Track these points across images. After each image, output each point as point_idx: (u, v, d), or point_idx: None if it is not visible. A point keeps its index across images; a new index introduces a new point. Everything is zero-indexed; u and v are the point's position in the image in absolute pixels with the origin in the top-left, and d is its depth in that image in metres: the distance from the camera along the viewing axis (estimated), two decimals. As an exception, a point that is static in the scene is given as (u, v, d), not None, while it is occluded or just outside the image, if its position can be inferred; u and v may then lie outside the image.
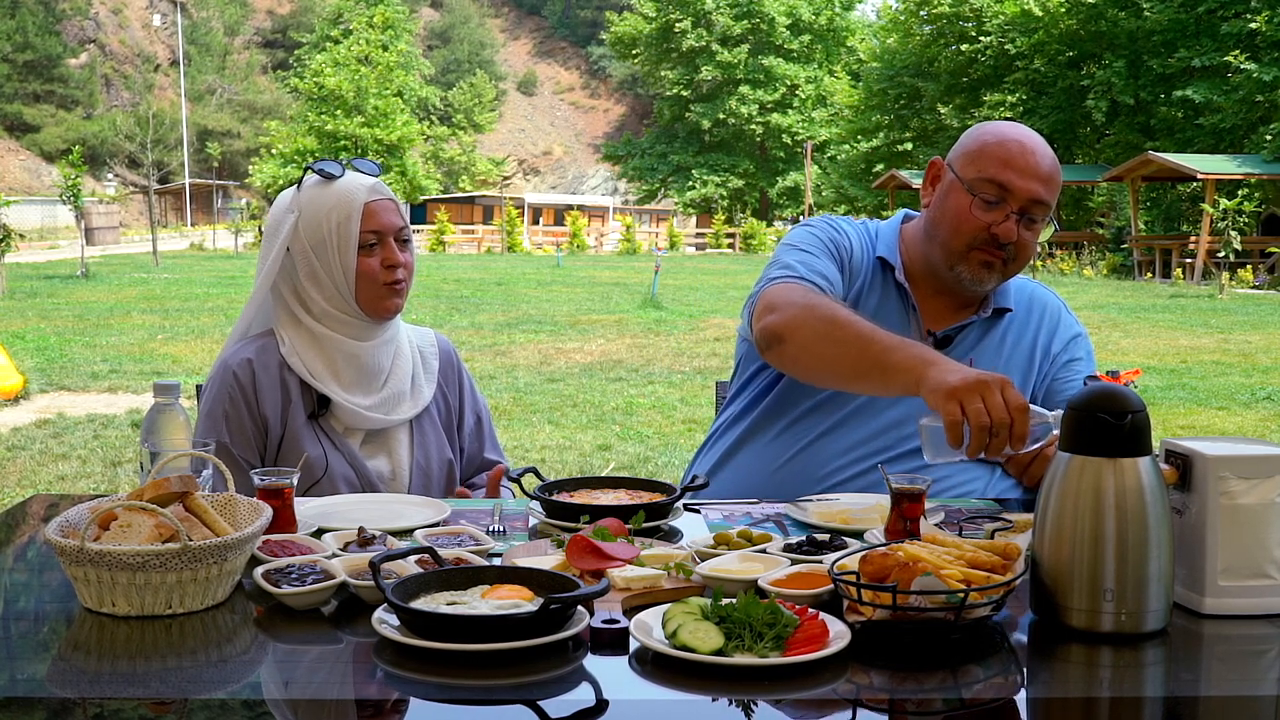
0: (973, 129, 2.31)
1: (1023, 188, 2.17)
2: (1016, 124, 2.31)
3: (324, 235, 2.25)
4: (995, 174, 2.17)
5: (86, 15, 68.08)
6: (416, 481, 2.35)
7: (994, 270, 2.23)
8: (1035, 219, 2.20)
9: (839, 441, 2.27)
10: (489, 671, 1.27)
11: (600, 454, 7.23)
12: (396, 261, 2.27)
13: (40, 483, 6.31)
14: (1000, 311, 2.34)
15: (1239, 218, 22.41)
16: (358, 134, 51.19)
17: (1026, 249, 2.22)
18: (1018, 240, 2.19)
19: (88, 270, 22.45)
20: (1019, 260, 2.24)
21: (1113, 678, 1.37)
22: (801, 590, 1.46)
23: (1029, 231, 2.21)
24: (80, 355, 11.31)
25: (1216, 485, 1.48)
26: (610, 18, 64.21)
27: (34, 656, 1.39)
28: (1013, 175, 2.17)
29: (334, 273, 2.26)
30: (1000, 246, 2.19)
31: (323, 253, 2.25)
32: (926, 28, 41.70)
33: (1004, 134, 2.23)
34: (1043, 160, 2.20)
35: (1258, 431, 8.24)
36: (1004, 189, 2.17)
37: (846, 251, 2.34)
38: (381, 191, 2.30)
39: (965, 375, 1.78)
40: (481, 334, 13.77)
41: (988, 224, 2.18)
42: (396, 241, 2.29)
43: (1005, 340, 2.34)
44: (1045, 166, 2.20)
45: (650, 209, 58.43)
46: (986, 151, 2.20)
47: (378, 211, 2.27)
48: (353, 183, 2.28)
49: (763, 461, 2.31)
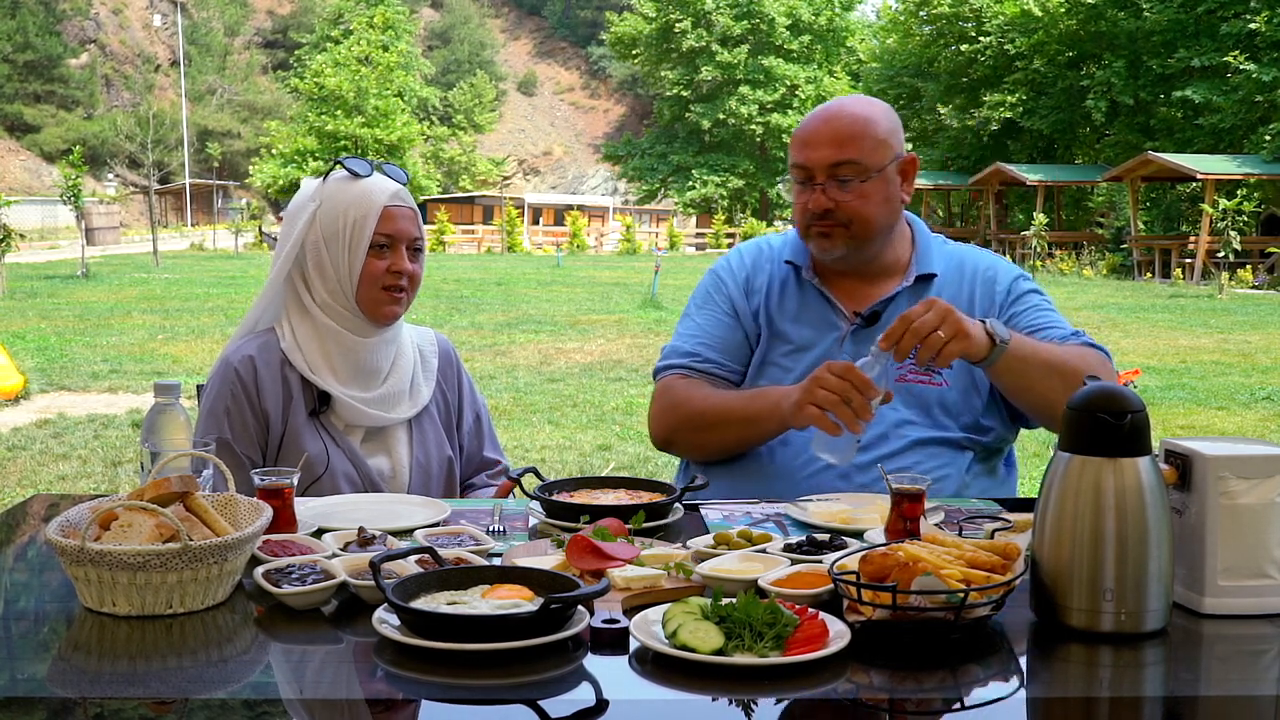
0: None
1: (816, 159, 2.27)
2: (841, 98, 2.43)
3: (338, 229, 2.26)
4: (795, 158, 2.32)
5: (86, 15, 68.08)
6: (416, 479, 2.36)
7: (833, 239, 2.32)
8: (847, 178, 2.27)
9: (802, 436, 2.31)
10: (489, 671, 1.27)
11: (600, 454, 7.24)
12: (403, 269, 2.28)
13: (40, 483, 6.32)
14: (926, 278, 2.38)
15: (1239, 218, 22.40)
16: (358, 134, 51.15)
17: (853, 207, 2.28)
18: (837, 204, 2.27)
19: (88, 270, 22.46)
20: (857, 221, 2.29)
21: (1113, 678, 1.37)
22: (801, 590, 1.46)
23: (847, 192, 2.27)
24: (80, 355, 11.31)
25: (1216, 485, 1.48)
26: (610, 18, 64.15)
27: (34, 656, 1.39)
28: (807, 152, 2.29)
29: (340, 268, 2.27)
30: (821, 217, 2.29)
31: (334, 246, 2.26)
32: (926, 28, 41.72)
33: (810, 115, 2.36)
34: (836, 123, 2.28)
35: (1258, 431, 8.24)
36: (804, 168, 2.30)
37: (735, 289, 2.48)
38: (403, 199, 2.31)
39: (799, 385, 2.08)
40: (481, 334, 13.77)
41: (805, 203, 2.31)
42: (408, 250, 2.30)
43: None
44: (839, 128, 2.27)
45: (650, 209, 58.41)
46: (793, 140, 2.35)
47: (395, 217, 2.28)
48: (377, 184, 2.29)
49: (754, 459, 2.33)
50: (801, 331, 2.40)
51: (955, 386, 2.32)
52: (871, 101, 2.35)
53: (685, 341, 2.45)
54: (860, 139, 2.26)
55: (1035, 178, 32.12)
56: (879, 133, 2.28)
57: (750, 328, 2.44)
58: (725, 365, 2.41)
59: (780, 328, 2.42)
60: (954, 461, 2.30)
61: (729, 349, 2.42)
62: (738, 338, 2.43)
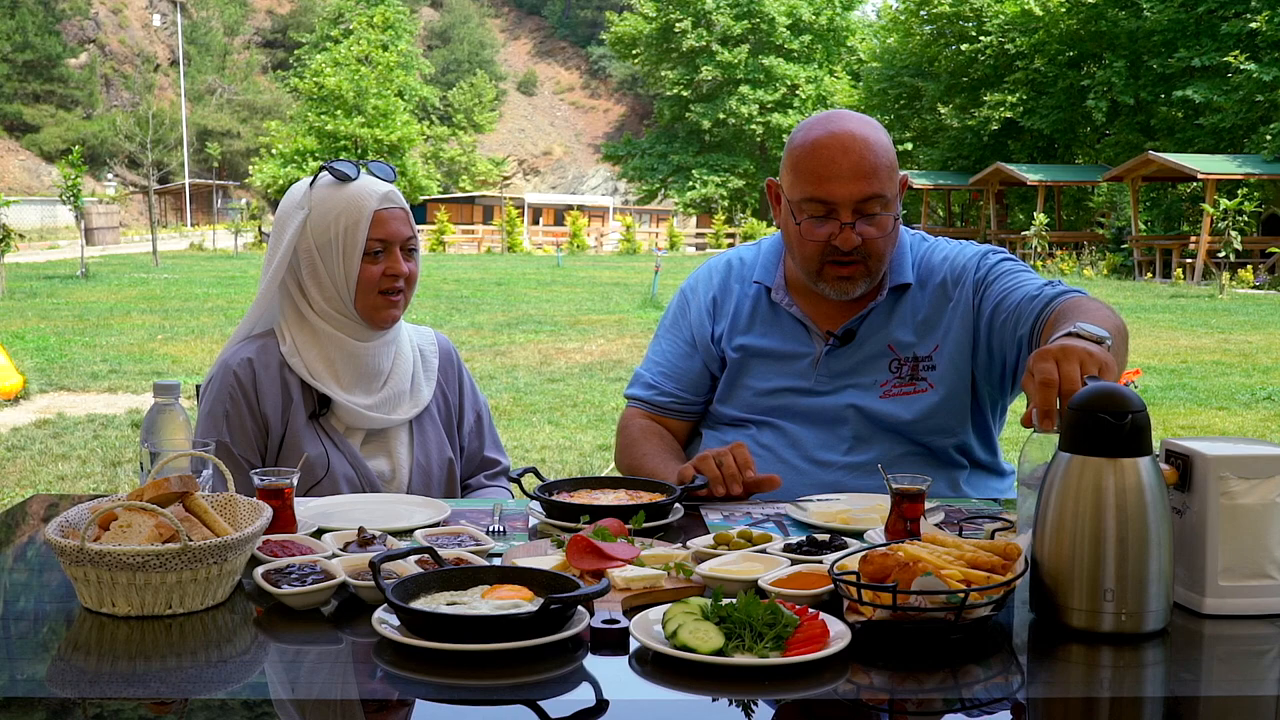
0: (794, 133, 2.28)
1: (844, 194, 2.15)
2: (833, 116, 2.24)
3: (330, 237, 2.24)
4: (814, 192, 2.17)
5: (86, 15, 68.02)
6: (417, 481, 2.35)
7: (855, 279, 2.24)
8: (874, 212, 2.18)
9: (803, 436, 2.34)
10: (489, 671, 1.27)
11: (600, 454, 7.23)
12: (399, 271, 2.27)
13: (40, 483, 6.31)
14: (900, 289, 2.32)
15: (1239, 218, 22.39)
16: (358, 134, 51.15)
17: (876, 243, 2.20)
18: (865, 240, 2.18)
19: (87, 270, 22.45)
20: (875, 256, 2.22)
21: (1113, 678, 1.37)
22: (801, 590, 1.46)
23: (872, 225, 2.18)
24: (80, 355, 11.31)
25: (1216, 485, 1.48)
26: (610, 18, 64.12)
27: (34, 656, 1.39)
28: (831, 186, 2.15)
29: (335, 276, 2.25)
30: (847, 253, 2.19)
31: (327, 254, 2.25)
32: (927, 28, 41.68)
33: (817, 142, 2.18)
34: (855, 155, 2.15)
35: (1258, 431, 8.24)
36: (827, 203, 2.16)
37: (698, 315, 2.46)
38: (393, 200, 2.29)
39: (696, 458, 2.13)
40: (481, 334, 13.77)
41: (825, 238, 2.19)
42: (402, 251, 2.28)
43: (918, 313, 2.31)
44: (860, 160, 2.14)
45: (650, 209, 58.39)
46: (802, 168, 2.19)
47: (387, 220, 2.26)
48: (365, 188, 2.27)
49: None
50: (774, 352, 2.35)
51: (940, 385, 2.27)
52: (868, 121, 2.23)
53: (649, 370, 2.50)
54: (880, 169, 2.16)
55: (1035, 177, 32.11)
56: (892, 158, 2.20)
57: (711, 356, 2.43)
58: (682, 398, 2.45)
59: (750, 348, 2.37)
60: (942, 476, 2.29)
61: (687, 381, 2.45)
62: (696, 368, 2.44)
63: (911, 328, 2.30)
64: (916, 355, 2.28)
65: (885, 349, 2.29)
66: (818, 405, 2.30)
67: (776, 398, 2.34)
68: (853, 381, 2.29)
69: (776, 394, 2.34)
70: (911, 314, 2.31)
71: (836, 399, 2.29)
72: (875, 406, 2.27)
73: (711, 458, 2.09)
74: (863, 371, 2.29)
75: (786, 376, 2.33)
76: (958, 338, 2.27)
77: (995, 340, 2.25)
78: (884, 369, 2.29)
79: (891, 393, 2.27)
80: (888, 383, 2.28)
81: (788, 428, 2.32)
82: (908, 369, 2.28)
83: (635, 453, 2.41)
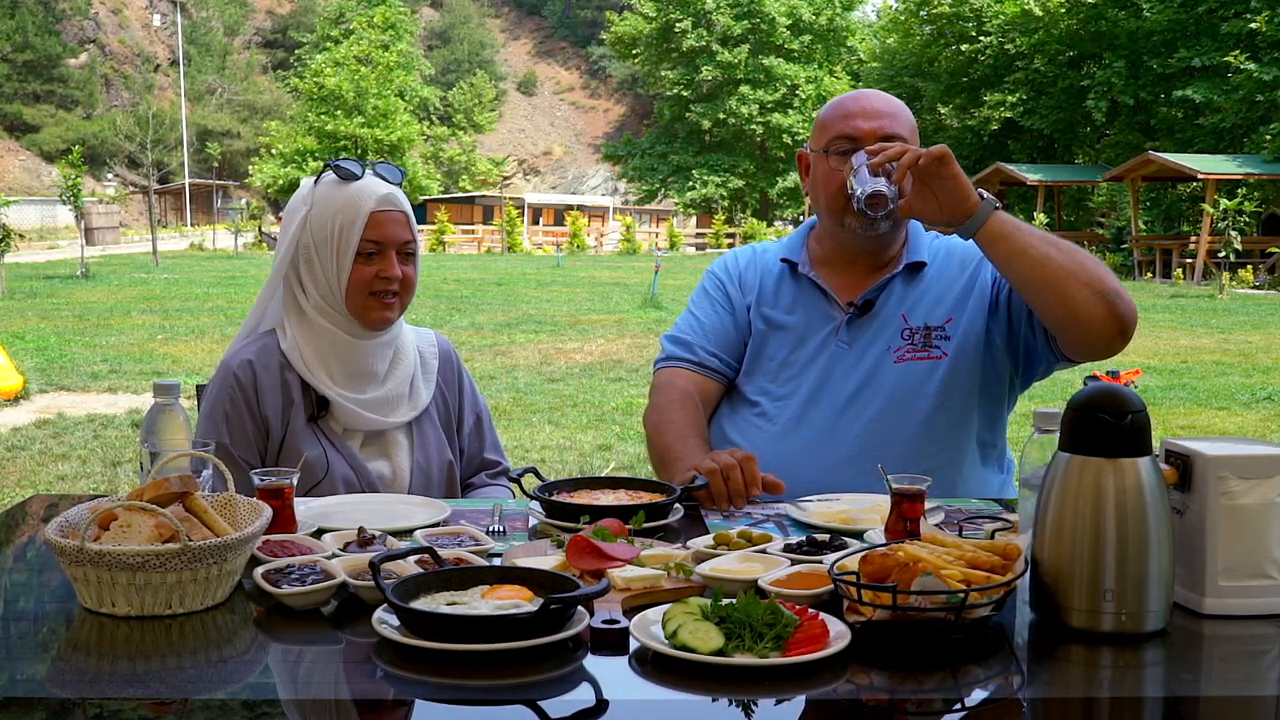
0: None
1: (868, 128, 2.30)
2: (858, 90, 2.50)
3: (326, 235, 2.24)
4: (840, 128, 2.34)
5: (86, 15, 68.05)
6: (417, 483, 2.35)
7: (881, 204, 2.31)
8: None
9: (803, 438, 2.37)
10: (489, 671, 1.27)
11: (600, 454, 7.23)
12: (393, 275, 2.25)
13: (40, 483, 6.31)
14: (916, 266, 2.43)
15: (1239, 218, 22.42)
16: (358, 134, 51.12)
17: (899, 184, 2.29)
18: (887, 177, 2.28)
19: (87, 270, 22.45)
20: (902, 189, 2.27)
21: (1113, 678, 1.37)
22: (801, 590, 1.46)
23: None
24: (80, 355, 11.31)
25: (1216, 485, 1.48)
26: (610, 18, 64.10)
27: (34, 656, 1.39)
28: (857, 121, 2.32)
29: (329, 273, 2.25)
30: None
31: (323, 251, 2.25)
32: (926, 28, 41.72)
33: (841, 97, 2.43)
34: (879, 101, 2.37)
35: (1258, 431, 8.24)
36: (852, 138, 2.31)
37: (732, 284, 2.56)
38: (393, 203, 2.27)
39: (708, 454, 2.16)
40: (481, 334, 13.77)
41: None
42: (399, 255, 2.27)
43: (931, 290, 2.42)
44: (884, 104, 2.36)
45: (650, 209, 58.41)
46: (828, 118, 2.39)
47: (383, 223, 2.25)
48: (366, 188, 2.26)
49: None
50: (796, 322, 2.45)
51: (953, 353, 2.35)
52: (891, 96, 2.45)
53: (683, 333, 2.55)
54: (900, 117, 2.35)
55: (1035, 177, 32.11)
56: (913, 123, 2.39)
57: (743, 322, 2.51)
58: (721, 358, 2.49)
59: (775, 321, 2.47)
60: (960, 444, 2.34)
61: (724, 343, 2.50)
62: (731, 331, 2.51)
63: (927, 298, 2.40)
64: (928, 324, 2.38)
65: (900, 318, 2.39)
66: (837, 373, 2.38)
67: (797, 367, 2.42)
68: (869, 348, 2.38)
69: (797, 364, 2.42)
70: (927, 286, 2.42)
71: (856, 365, 2.37)
72: (888, 370, 2.35)
73: (720, 470, 2.05)
74: (879, 339, 2.39)
75: (808, 346, 2.42)
76: (972, 311, 2.37)
77: (1014, 308, 2.34)
78: (897, 336, 2.38)
79: (905, 358, 2.36)
80: (900, 349, 2.36)
81: (807, 397, 2.38)
82: (920, 336, 2.37)
83: (665, 418, 2.41)
